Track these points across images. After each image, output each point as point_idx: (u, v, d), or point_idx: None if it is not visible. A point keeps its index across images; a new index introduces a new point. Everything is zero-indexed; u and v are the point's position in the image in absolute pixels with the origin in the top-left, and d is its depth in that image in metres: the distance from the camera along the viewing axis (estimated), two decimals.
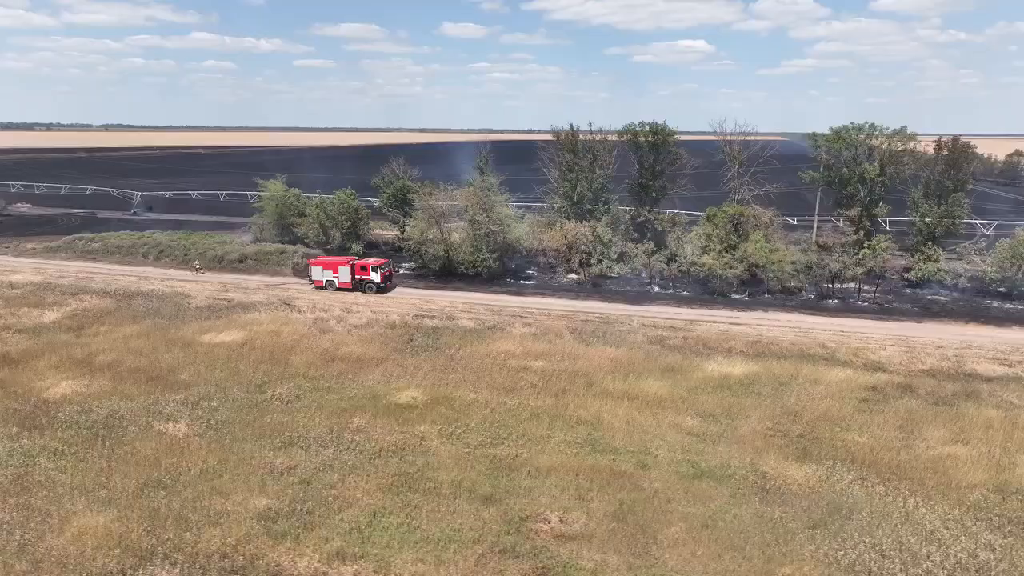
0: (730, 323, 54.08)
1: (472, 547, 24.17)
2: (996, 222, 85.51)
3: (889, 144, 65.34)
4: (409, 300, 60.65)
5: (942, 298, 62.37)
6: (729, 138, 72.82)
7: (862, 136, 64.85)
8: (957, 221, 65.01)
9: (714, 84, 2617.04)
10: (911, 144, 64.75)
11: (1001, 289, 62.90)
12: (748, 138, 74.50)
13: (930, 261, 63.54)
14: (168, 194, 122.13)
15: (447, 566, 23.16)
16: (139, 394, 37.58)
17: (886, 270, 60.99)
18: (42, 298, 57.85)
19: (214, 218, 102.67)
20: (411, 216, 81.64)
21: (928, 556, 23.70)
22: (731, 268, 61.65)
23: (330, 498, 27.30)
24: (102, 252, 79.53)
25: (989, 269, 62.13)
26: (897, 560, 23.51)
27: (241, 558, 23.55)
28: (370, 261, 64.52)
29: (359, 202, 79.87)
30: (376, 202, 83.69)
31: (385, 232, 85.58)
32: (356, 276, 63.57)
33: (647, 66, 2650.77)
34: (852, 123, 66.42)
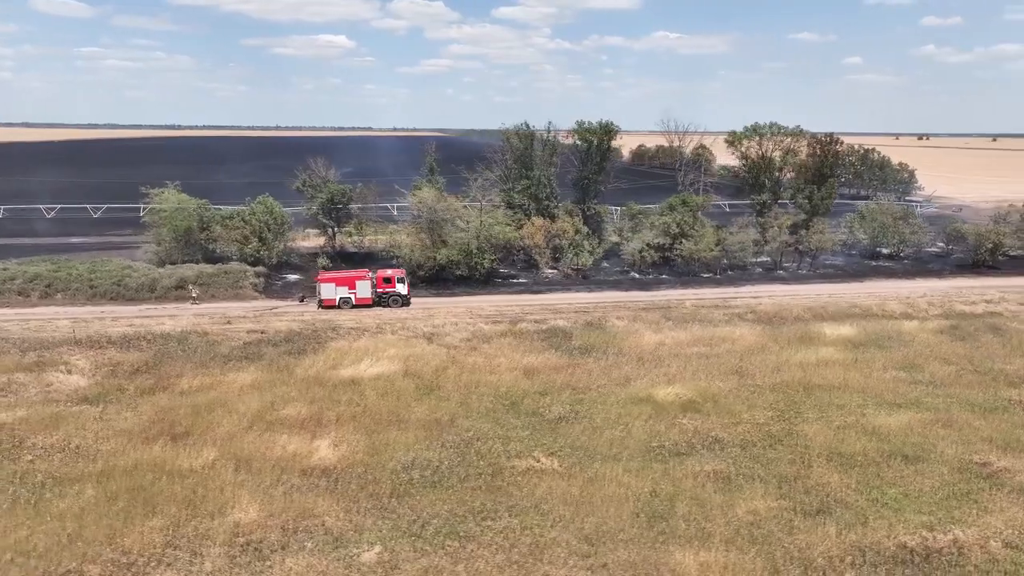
0: (750, 297, 62.55)
1: (975, 496, 28.20)
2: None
3: (788, 140, 79.75)
4: (449, 309, 57.55)
5: (839, 262, 78.92)
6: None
7: (774, 134, 78.22)
8: (833, 201, 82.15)
9: (358, 80, 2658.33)
10: (802, 141, 79.93)
11: (853, 252, 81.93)
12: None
13: (820, 234, 79.55)
14: None
15: (964, 511, 27.04)
16: (416, 440, 32.71)
17: (809, 244, 75.09)
18: (15, 360, 42.95)
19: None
20: (345, 223, 75.76)
21: None
22: (710, 251, 70.26)
23: (813, 490, 28.69)
24: None
25: (864, 237, 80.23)
26: None
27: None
28: (391, 272, 59.18)
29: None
30: (305, 208, 75.30)
31: (302, 242, 77.56)
32: (379, 290, 58.08)
33: (288, 59, 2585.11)
34: (756, 123, 79.66)
